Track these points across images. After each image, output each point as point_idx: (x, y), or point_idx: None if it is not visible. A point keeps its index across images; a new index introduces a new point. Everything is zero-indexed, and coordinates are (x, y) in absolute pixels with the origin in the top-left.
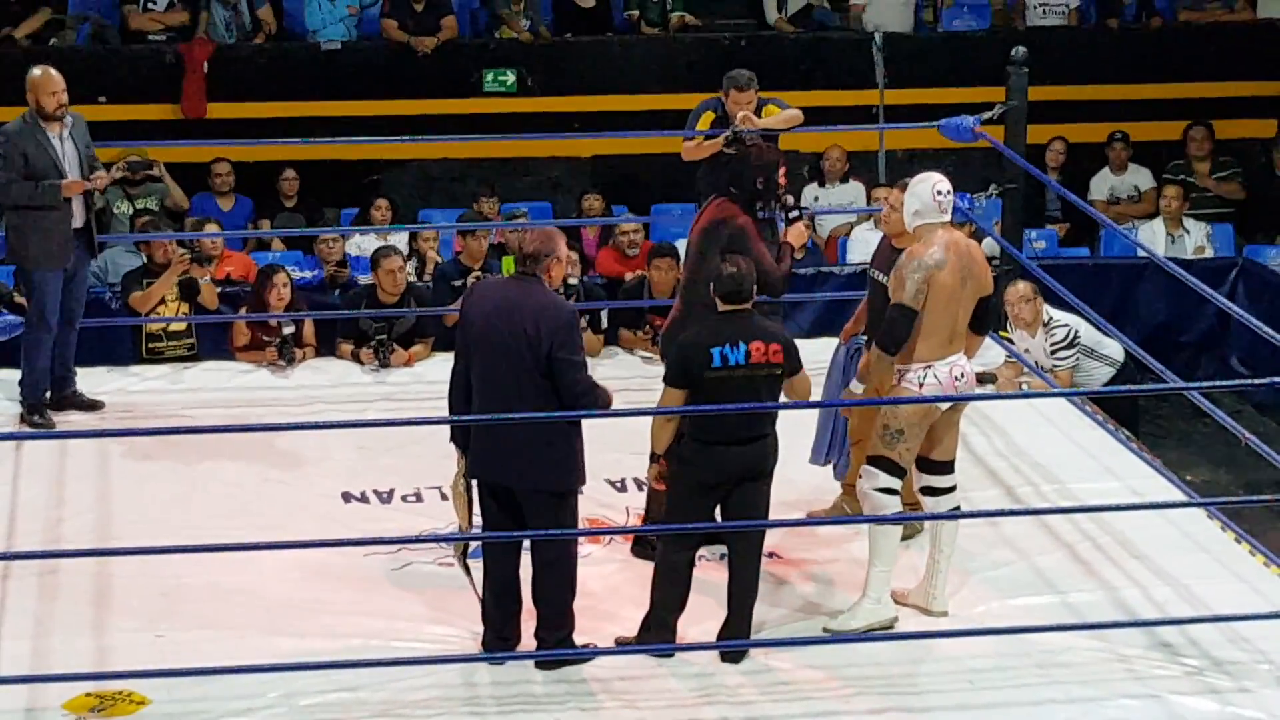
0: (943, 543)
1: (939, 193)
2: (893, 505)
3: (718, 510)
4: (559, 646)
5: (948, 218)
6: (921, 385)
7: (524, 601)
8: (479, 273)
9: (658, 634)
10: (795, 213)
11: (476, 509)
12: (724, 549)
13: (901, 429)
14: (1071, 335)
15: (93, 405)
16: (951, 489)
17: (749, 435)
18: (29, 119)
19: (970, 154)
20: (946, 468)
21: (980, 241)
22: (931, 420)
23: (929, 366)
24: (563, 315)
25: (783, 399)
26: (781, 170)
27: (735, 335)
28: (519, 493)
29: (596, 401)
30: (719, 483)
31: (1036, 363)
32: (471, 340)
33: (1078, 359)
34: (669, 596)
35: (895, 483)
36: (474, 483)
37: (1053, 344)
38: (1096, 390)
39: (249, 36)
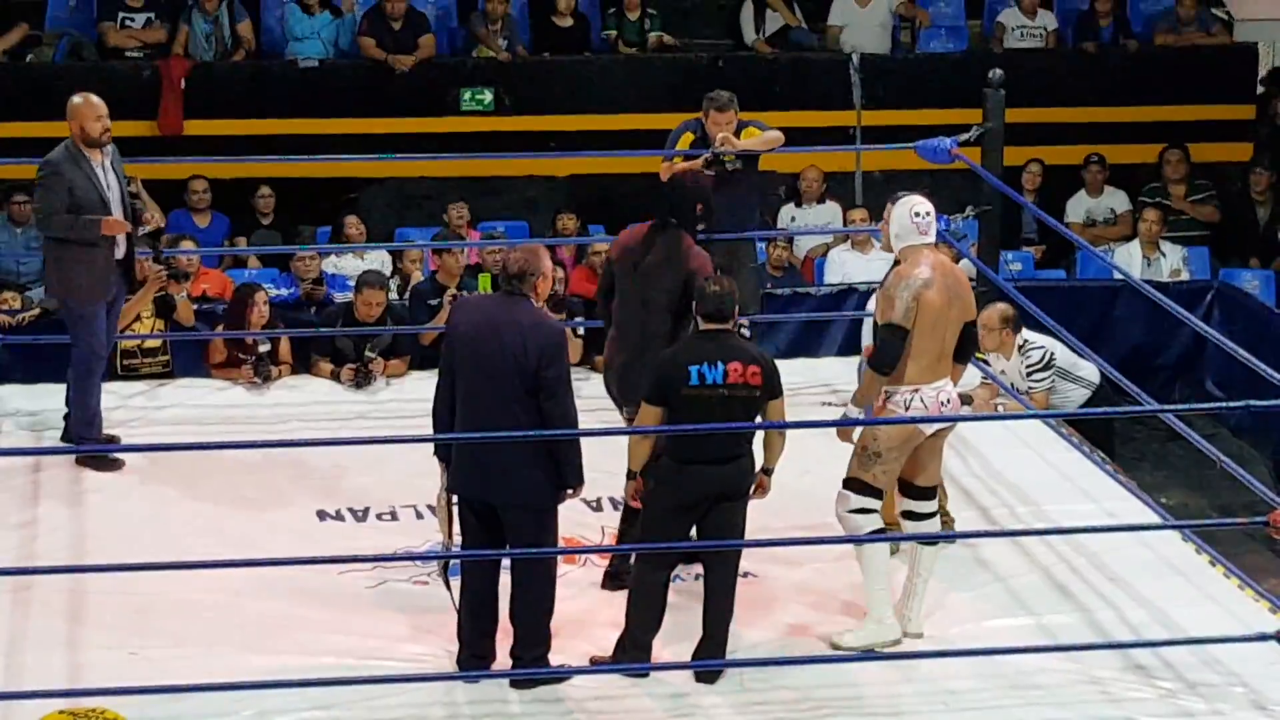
0: (921, 566)
1: (916, 214)
2: (869, 526)
3: (693, 531)
4: (535, 665)
5: (930, 239)
6: (907, 408)
7: (500, 620)
8: (455, 291)
9: (633, 654)
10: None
11: (457, 526)
12: (699, 569)
13: (879, 451)
14: (1047, 357)
15: (110, 439)
16: (933, 514)
17: (726, 455)
18: (71, 148)
19: (947, 176)
20: (929, 493)
21: (957, 263)
22: (914, 444)
23: (916, 390)
24: (552, 334)
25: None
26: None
27: (715, 354)
28: (500, 509)
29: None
30: (695, 503)
31: (1012, 385)
32: (458, 357)
33: (1053, 381)
34: (644, 617)
35: (870, 503)
36: (454, 498)
37: (1028, 366)
38: (1072, 412)
39: (228, 53)
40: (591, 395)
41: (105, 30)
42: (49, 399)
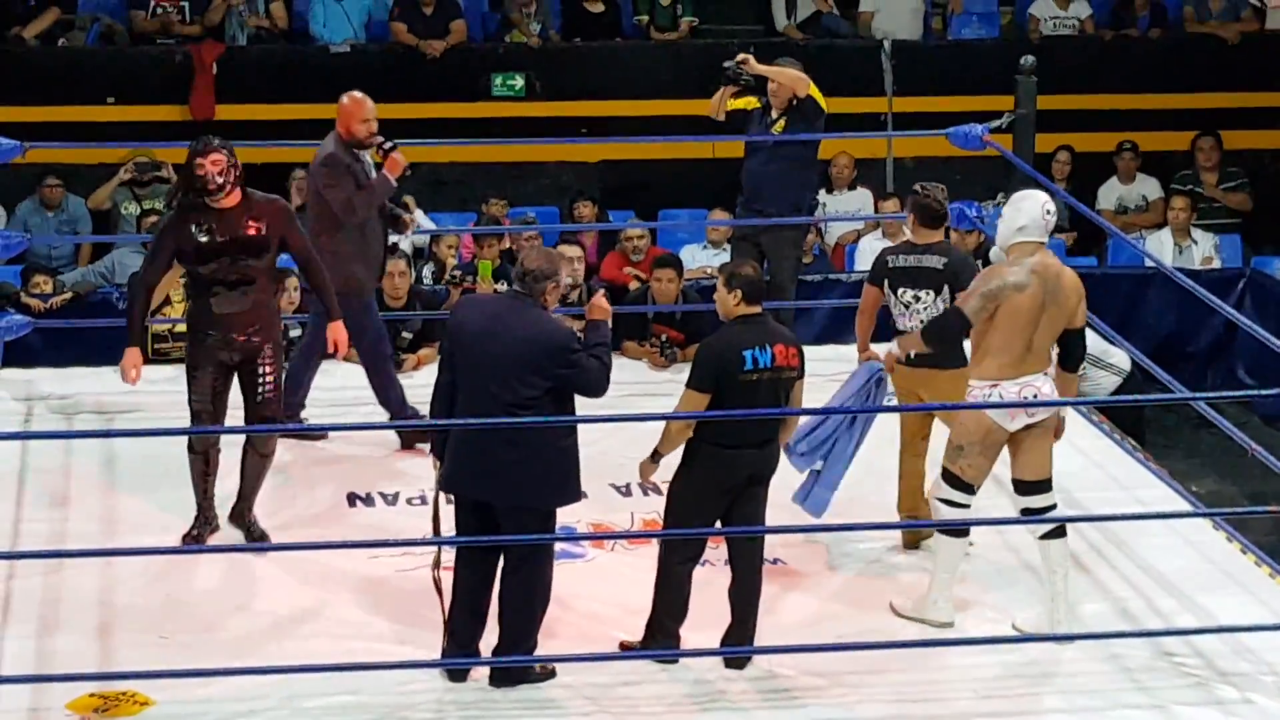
0: (1053, 562)
1: (1048, 212)
2: (951, 515)
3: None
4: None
5: (1046, 240)
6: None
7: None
8: (456, 271)
9: (661, 641)
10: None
11: (449, 522)
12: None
13: (961, 445)
14: None
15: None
16: (1049, 507)
17: (764, 438)
18: (339, 143)
19: (978, 162)
20: (1039, 487)
21: (987, 250)
22: (996, 439)
23: (996, 385)
24: (562, 338)
25: None
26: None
27: (761, 338)
28: (500, 510)
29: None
30: (732, 486)
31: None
32: (460, 355)
33: (1084, 368)
34: (672, 604)
35: (959, 496)
36: (444, 497)
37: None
38: (1104, 400)
39: (261, 38)
40: (620, 381)
41: (135, 17)
42: (80, 382)
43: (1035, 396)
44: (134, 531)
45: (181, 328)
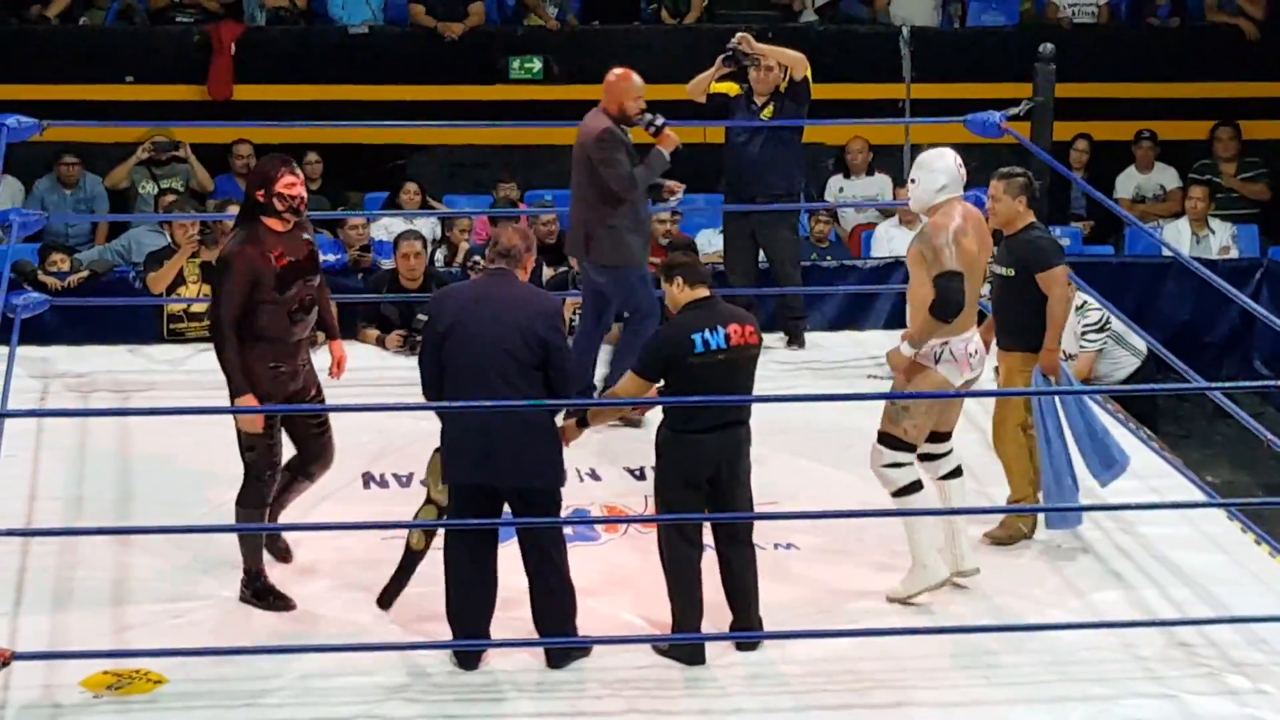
0: (954, 503)
1: (960, 165)
2: (904, 479)
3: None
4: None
5: (960, 192)
6: (938, 360)
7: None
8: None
9: (687, 651)
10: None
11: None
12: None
13: (907, 406)
14: (1104, 320)
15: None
16: (948, 453)
17: (725, 420)
18: (608, 118)
19: (996, 150)
20: (945, 436)
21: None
22: (945, 399)
23: (946, 343)
24: (553, 302)
25: None
26: None
27: (712, 320)
28: (509, 493)
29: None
30: (706, 474)
31: (1064, 352)
32: (449, 350)
33: (1105, 344)
34: (686, 604)
35: (903, 457)
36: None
37: (1085, 326)
38: (1120, 389)
39: (280, 18)
40: None
41: None
42: (97, 360)
43: (976, 351)
44: (148, 510)
45: (198, 307)
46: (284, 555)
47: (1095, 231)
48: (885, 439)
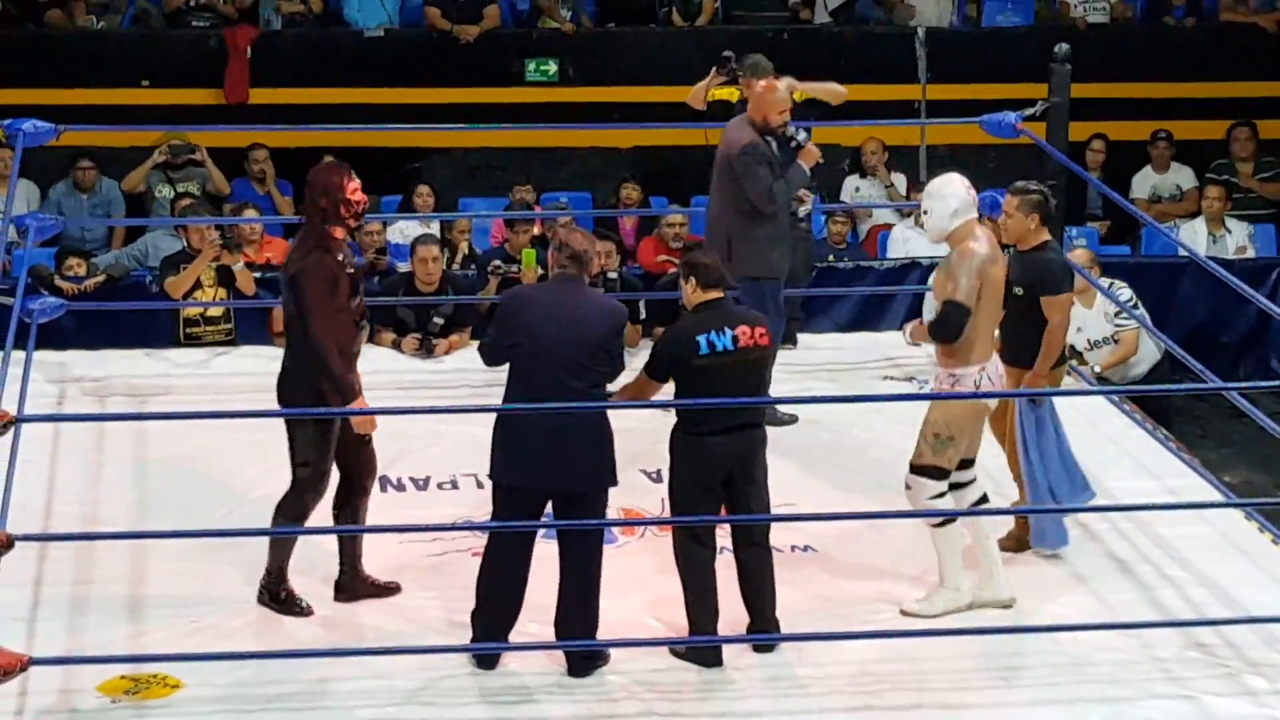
0: (983, 530)
1: (969, 188)
2: (943, 505)
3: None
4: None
5: (975, 215)
6: (978, 388)
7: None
8: (498, 262)
9: (704, 654)
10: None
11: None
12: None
13: (953, 435)
14: (1134, 297)
15: None
16: (974, 480)
17: (736, 423)
18: (750, 128)
19: (1012, 150)
20: (970, 463)
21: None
22: (982, 422)
23: (983, 369)
24: (621, 313)
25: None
26: None
27: (719, 322)
28: (564, 498)
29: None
30: (720, 478)
31: (1088, 340)
32: (528, 347)
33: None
34: (703, 611)
35: (943, 487)
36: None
37: (1118, 305)
38: (1137, 389)
39: (295, 22)
40: None
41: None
42: (112, 365)
43: (1001, 376)
44: (165, 514)
45: (214, 312)
46: (385, 589)
47: (1112, 232)
48: (926, 471)
